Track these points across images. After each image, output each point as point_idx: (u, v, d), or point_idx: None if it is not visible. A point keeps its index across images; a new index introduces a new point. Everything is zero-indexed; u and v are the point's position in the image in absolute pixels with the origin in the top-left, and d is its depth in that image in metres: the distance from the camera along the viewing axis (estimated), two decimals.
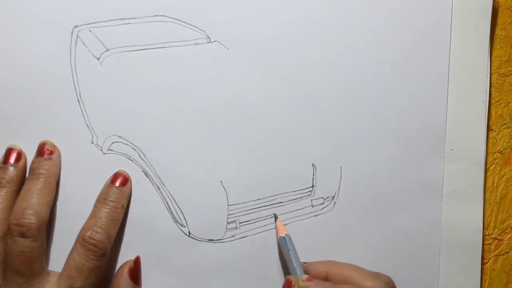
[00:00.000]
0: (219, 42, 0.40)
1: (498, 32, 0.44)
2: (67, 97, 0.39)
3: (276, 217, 0.41)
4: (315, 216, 0.42)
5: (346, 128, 0.42)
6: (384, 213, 0.42)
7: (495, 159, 0.45)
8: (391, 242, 0.43)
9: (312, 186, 0.42)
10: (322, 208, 0.42)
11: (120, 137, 0.40)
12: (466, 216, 0.43)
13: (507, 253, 0.45)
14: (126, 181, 0.39)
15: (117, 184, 0.39)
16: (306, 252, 0.42)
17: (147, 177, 0.40)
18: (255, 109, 0.41)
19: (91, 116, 0.39)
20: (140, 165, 0.40)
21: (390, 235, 0.43)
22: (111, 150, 0.40)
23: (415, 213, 0.43)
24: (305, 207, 0.42)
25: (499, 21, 0.44)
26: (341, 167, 0.42)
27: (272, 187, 0.41)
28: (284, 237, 0.40)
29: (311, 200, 0.42)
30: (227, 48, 0.41)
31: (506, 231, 0.45)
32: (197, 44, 0.40)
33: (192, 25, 0.40)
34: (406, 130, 0.43)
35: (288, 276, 0.39)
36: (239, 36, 0.41)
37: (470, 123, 0.43)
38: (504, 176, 0.45)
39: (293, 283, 0.38)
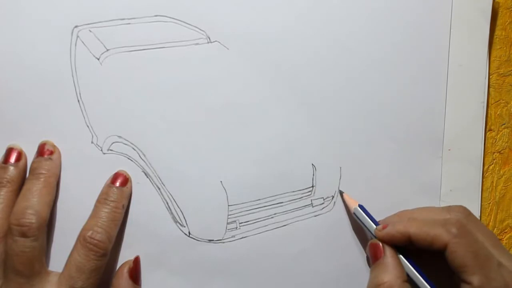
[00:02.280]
0: (219, 42, 0.40)
1: (498, 32, 0.45)
2: (67, 97, 0.39)
3: (341, 192, 0.42)
4: (315, 216, 0.42)
5: (346, 128, 0.42)
6: (383, 212, 0.42)
7: (494, 159, 0.45)
8: None
9: (312, 186, 0.42)
10: (322, 208, 0.42)
11: (120, 137, 0.40)
12: None
13: None
14: (126, 181, 0.39)
15: (117, 184, 0.39)
16: (307, 252, 0.42)
17: (147, 177, 0.40)
18: (255, 109, 0.41)
19: (91, 116, 0.39)
20: (140, 165, 0.40)
21: None
22: (111, 150, 0.40)
23: None
24: (305, 207, 0.42)
25: (499, 21, 0.45)
26: (340, 167, 0.42)
27: (272, 187, 0.41)
28: (360, 206, 0.40)
29: (311, 200, 0.42)
30: (227, 48, 0.41)
31: (506, 230, 0.45)
32: (197, 44, 0.40)
33: (192, 25, 0.40)
34: (405, 130, 0.43)
35: (370, 241, 0.39)
36: (239, 36, 0.40)
37: (468, 123, 0.43)
38: (503, 176, 0.45)
39: (381, 245, 0.38)
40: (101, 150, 0.39)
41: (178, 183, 0.40)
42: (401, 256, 0.37)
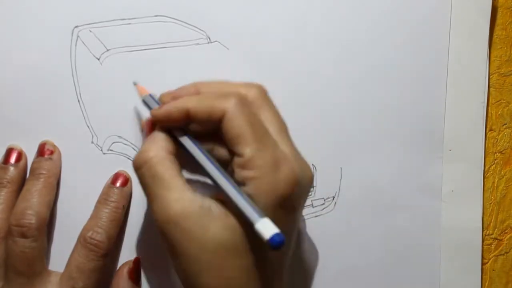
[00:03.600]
0: (219, 42, 0.40)
1: (498, 32, 0.44)
2: (67, 97, 0.39)
3: (135, 83, 0.38)
4: (315, 216, 0.42)
5: (346, 128, 0.42)
6: (384, 213, 0.42)
7: (495, 159, 0.45)
8: (391, 242, 0.43)
9: (313, 187, 0.42)
10: (323, 209, 0.42)
11: (120, 137, 0.39)
12: (465, 215, 0.43)
13: (507, 253, 0.45)
14: (126, 181, 0.39)
15: (118, 184, 0.38)
16: (307, 252, 0.42)
17: None
18: None
19: (91, 116, 0.39)
20: None
21: (390, 235, 0.43)
22: (111, 150, 0.39)
23: (415, 213, 0.43)
24: (306, 208, 0.41)
25: (499, 21, 0.44)
26: (341, 168, 0.42)
27: None
28: (150, 95, 0.36)
29: (312, 200, 0.42)
30: (227, 48, 0.41)
31: (506, 231, 0.45)
32: (197, 44, 0.40)
33: (192, 25, 0.40)
34: (405, 131, 0.43)
35: (142, 120, 0.36)
36: (239, 36, 0.40)
37: (469, 123, 0.43)
38: (505, 176, 0.45)
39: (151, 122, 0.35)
40: (101, 150, 0.39)
41: None
42: (176, 132, 0.34)
